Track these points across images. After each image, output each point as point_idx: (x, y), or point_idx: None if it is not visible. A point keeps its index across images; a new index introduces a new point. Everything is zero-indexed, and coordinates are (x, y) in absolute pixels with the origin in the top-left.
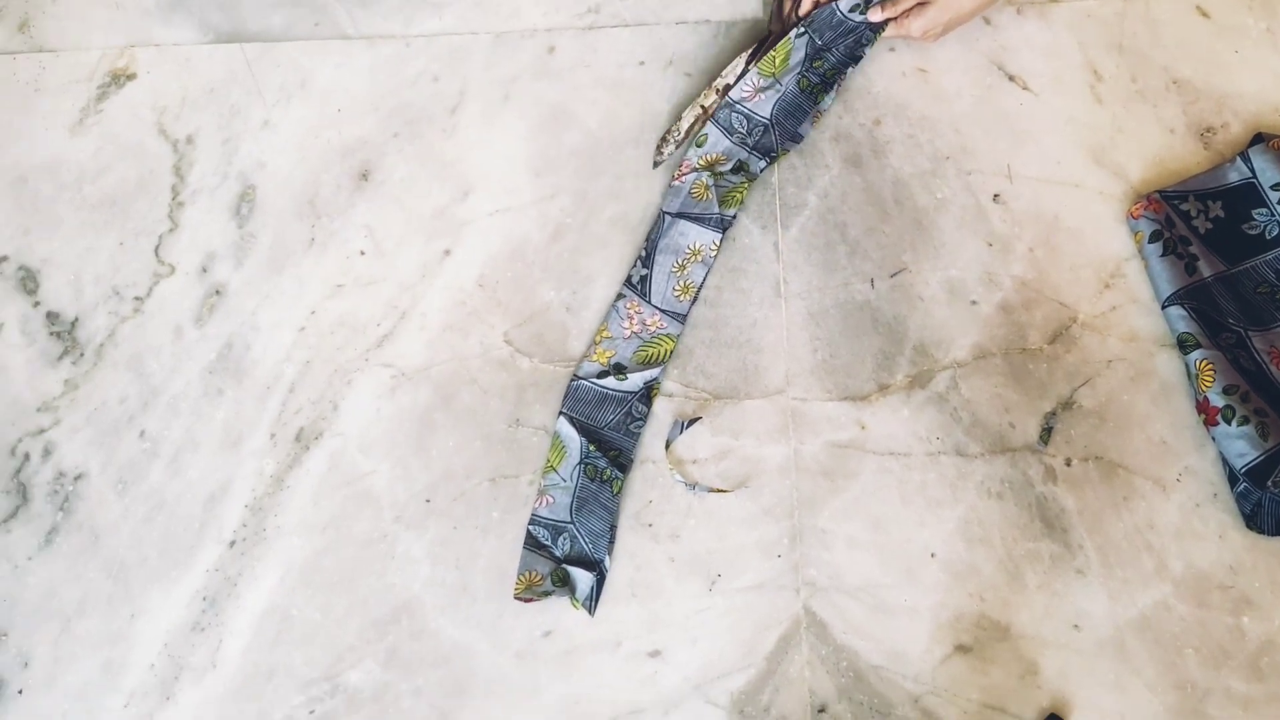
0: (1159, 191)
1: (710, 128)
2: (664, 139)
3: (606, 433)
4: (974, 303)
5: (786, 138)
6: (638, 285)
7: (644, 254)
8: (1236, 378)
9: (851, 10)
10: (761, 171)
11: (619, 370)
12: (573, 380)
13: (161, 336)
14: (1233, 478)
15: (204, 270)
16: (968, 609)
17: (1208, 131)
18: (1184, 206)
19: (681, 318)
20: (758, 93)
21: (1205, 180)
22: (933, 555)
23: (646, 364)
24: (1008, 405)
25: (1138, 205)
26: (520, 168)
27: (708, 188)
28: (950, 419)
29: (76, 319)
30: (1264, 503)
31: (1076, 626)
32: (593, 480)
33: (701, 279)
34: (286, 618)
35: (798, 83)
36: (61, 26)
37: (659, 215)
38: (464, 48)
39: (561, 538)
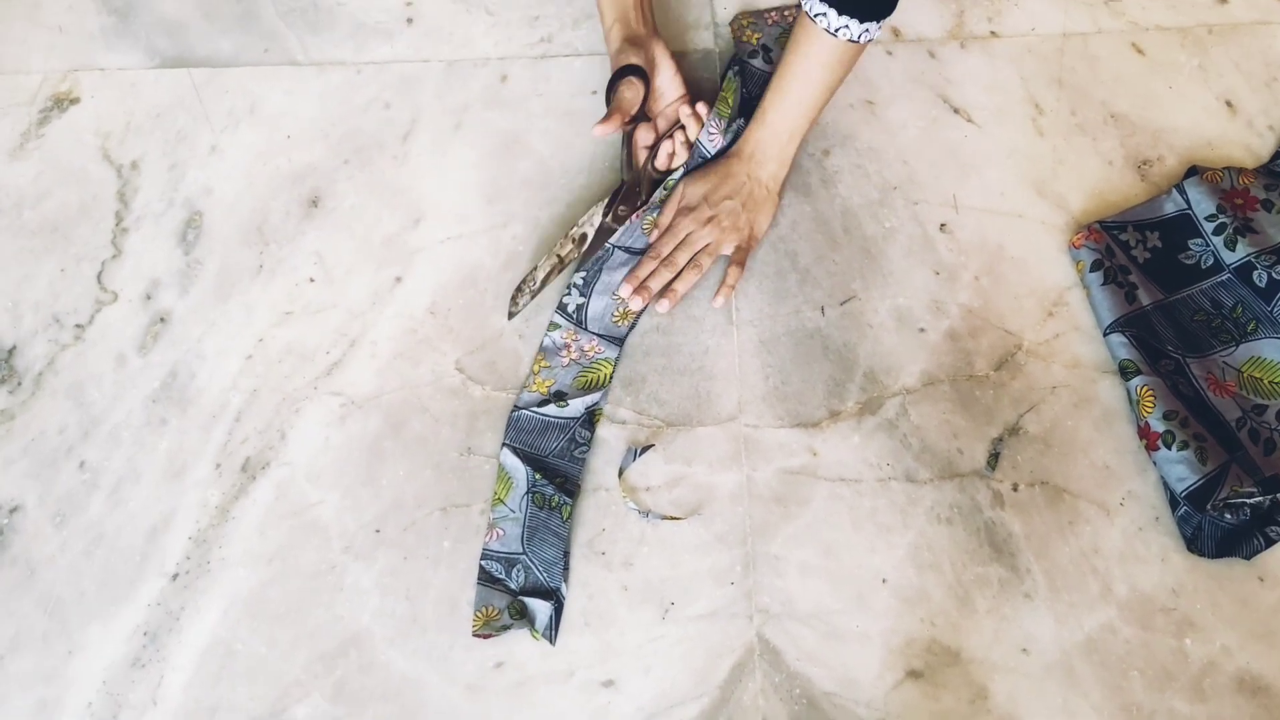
0: (1099, 222)
1: (677, 172)
2: (519, 289)
3: (551, 460)
4: (922, 330)
5: None
6: (573, 314)
7: (581, 282)
8: (1176, 403)
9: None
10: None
11: (559, 398)
12: (513, 411)
13: (103, 365)
14: (1174, 501)
15: (148, 297)
16: (919, 634)
17: (1144, 164)
18: (1123, 237)
19: (619, 342)
20: (722, 134)
21: (1143, 211)
22: (884, 581)
23: (587, 389)
24: (956, 431)
25: (1079, 235)
26: (472, 195)
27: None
28: (900, 445)
29: (14, 347)
30: (1204, 526)
31: (1025, 650)
32: (541, 508)
33: (640, 307)
34: (231, 652)
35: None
36: (1, 49)
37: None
38: (416, 76)
39: (515, 570)
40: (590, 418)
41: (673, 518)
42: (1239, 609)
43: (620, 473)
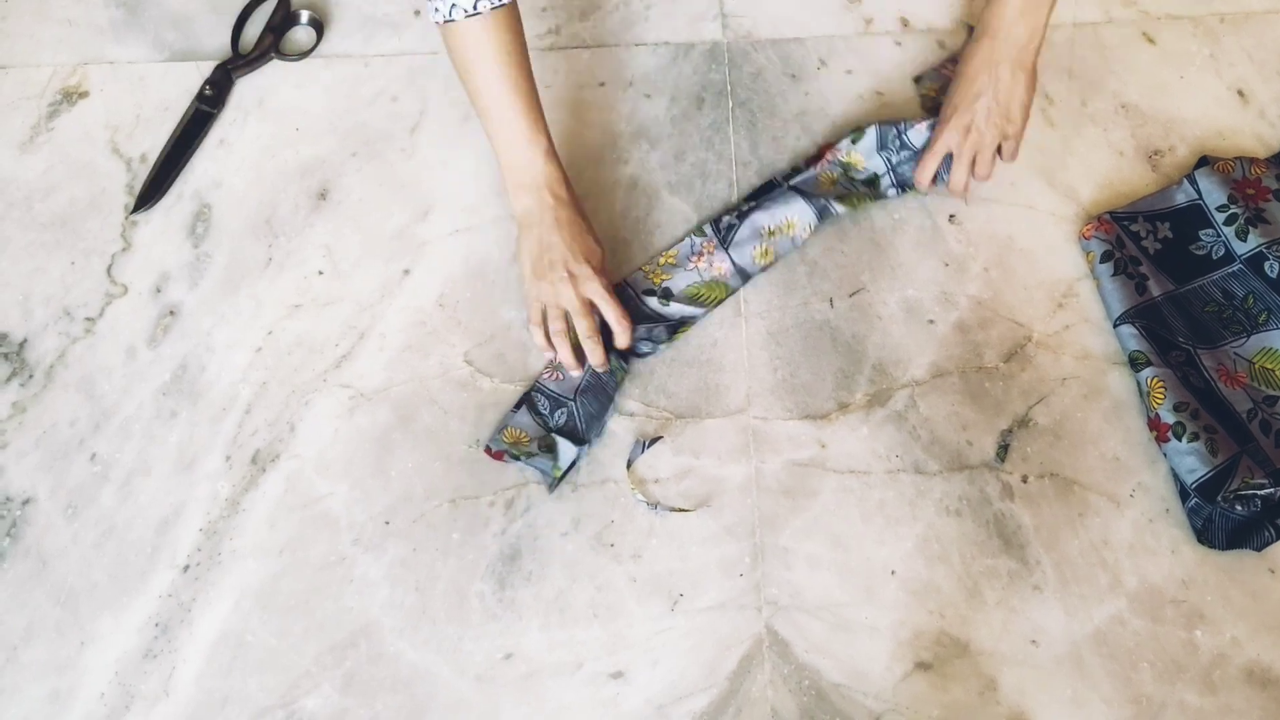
0: (1109, 213)
1: (871, 130)
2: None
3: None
4: (931, 322)
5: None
6: (723, 231)
7: (745, 207)
8: (1186, 395)
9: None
10: (889, 196)
11: (666, 295)
12: (622, 283)
13: (113, 358)
14: (1184, 493)
15: (158, 290)
16: (927, 626)
17: (1155, 154)
18: (1134, 227)
19: (748, 277)
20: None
21: (1154, 202)
22: (892, 573)
23: (692, 302)
24: (965, 423)
25: (1089, 226)
26: (480, 187)
27: (835, 182)
28: (909, 437)
29: (25, 340)
30: (1214, 517)
31: (1034, 642)
32: (601, 371)
33: (784, 253)
34: (242, 643)
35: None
36: (11, 44)
37: (775, 182)
38: (423, 68)
39: (559, 411)
40: (678, 327)
41: (681, 510)
42: (1249, 601)
43: (628, 465)
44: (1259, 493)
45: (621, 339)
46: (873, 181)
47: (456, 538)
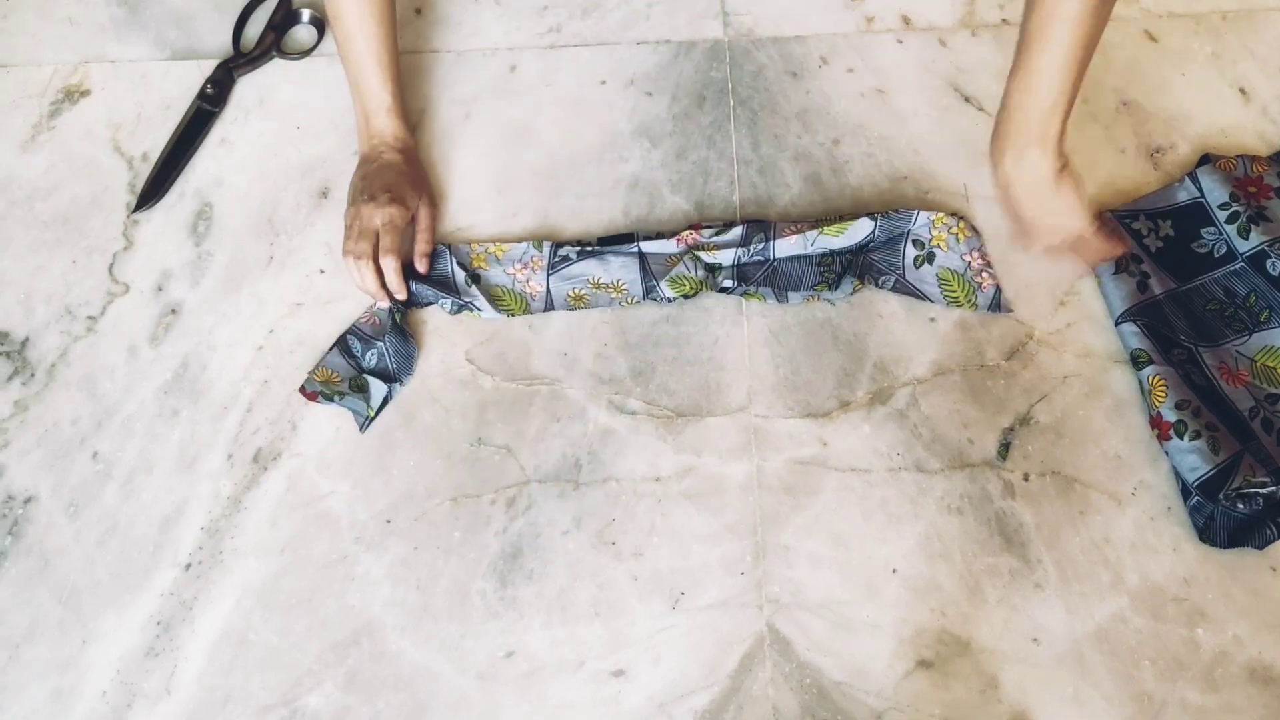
0: (1111, 211)
1: (735, 231)
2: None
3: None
4: (932, 320)
5: (771, 285)
6: (557, 258)
7: (589, 248)
8: (1188, 393)
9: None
10: (721, 290)
11: (474, 279)
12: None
13: (115, 356)
14: (1185, 491)
15: (159, 289)
16: (929, 624)
17: (1157, 152)
18: (1135, 225)
19: (551, 307)
20: (797, 235)
21: (1155, 200)
22: (894, 571)
23: (489, 298)
24: (966, 421)
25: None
26: (481, 186)
27: (680, 260)
28: (910, 435)
29: (27, 339)
30: (1216, 516)
31: (1035, 640)
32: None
33: (597, 305)
34: (244, 641)
35: (821, 259)
36: (12, 42)
37: (631, 236)
38: (424, 66)
39: (370, 352)
40: (465, 308)
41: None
42: (1251, 599)
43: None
44: (1261, 491)
45: (389, 277)
46: (714, 270)
47: (458, 536)
